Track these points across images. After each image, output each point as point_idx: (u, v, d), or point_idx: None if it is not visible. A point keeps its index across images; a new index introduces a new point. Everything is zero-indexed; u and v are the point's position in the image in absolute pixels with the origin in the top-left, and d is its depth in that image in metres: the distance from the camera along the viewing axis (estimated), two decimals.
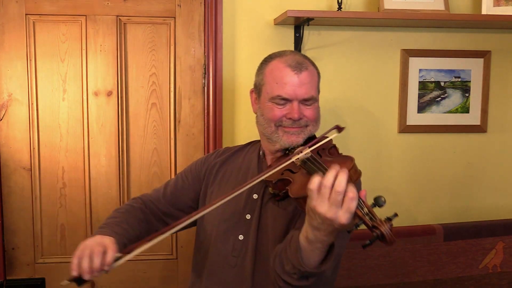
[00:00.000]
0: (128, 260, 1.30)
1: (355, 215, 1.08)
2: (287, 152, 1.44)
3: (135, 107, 2.23)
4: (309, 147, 1.34)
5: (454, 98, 2.33)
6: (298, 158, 1.32)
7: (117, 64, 2.19)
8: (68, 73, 2.18)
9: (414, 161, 2.34)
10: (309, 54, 2.21)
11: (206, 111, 2.22)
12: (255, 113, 1.52)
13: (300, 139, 1.42)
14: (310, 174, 1.26)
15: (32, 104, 2.17)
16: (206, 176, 1.58)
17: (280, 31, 2.18)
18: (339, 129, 1.43)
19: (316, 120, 1.46)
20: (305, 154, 1.32)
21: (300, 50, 2.17)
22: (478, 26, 2.28)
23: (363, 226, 1.10)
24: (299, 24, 2.13)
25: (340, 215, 1.06)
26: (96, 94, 2.19)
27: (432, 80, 2.31)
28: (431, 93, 2.31)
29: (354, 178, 1.23)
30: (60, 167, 2.21)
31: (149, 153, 2.24)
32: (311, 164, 1.29)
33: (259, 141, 1.61)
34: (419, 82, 2.30)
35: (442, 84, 2.32)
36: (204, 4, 2.19)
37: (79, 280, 1.23)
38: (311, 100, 1.43)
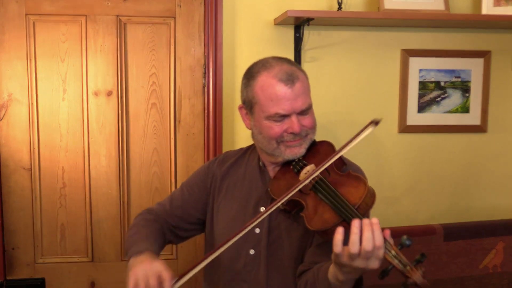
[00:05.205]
0: None
1: (385, 260, 1.13)
2: (293, 164, 1.42)
3: (135, 107, 2.23)
4: (317, 168, 1.31)
5: (454, 98, 2.33)
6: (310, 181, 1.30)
7: (117, 64, 2.19)
8: (68, 73, 2.18)
9: (414, 161, 2.34)
10: (309, 54, 2.21)
11: (206, 111, 2.22)
12: (249, 128, 1.48)
13: (303, 150, 1.41)
14: (322, 200, 1.26)
15: (32, 104, 2.16)
16: (212, 188, 1.55)
17: (280, 31, 2.18)
18: (376, 123, 1.38)
19: (315, 126, 1.43)
20: (314, 176, 1.30)
21: (300, 50, 2.17)
22: (478, 26, 2.28)
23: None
24: (299, 24, 2.13)
25: (371, 263, 1.12)
26: (96, 94, 2.19)
27: (432, 80, 2.31)
28: (431, 93, 2.31)
29: (370, 203, 1.21)
30: (60, 167, 2.21)
31: (149, 153, 2.24)
32: (322, 190, 1.28)
33: None
34: (419, 82, 2.29)
35: (442, 84, 2.31)
36: (204, 4, 2.19)
37: None
38: (308, 109, 1.40)
